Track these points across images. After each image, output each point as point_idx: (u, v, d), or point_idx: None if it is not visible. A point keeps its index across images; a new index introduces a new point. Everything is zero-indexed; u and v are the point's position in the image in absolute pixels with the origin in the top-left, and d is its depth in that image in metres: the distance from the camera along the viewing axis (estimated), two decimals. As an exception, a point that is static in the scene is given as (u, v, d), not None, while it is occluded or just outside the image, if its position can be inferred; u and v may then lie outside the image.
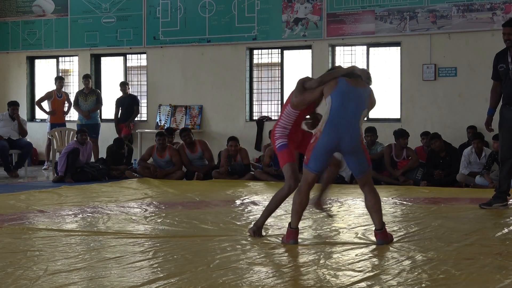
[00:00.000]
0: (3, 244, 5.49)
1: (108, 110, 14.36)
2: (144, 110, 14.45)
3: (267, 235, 5.83)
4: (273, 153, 10.99)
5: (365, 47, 12.69)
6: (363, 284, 4.20)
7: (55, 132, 13.11)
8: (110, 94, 14.40)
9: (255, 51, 13.60)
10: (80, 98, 13.51)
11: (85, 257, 4.99)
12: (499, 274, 4.40)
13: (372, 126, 11.17)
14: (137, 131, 13.84)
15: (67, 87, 14.76)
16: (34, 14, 15.10)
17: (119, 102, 13.75)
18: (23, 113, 14.57)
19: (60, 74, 14.93)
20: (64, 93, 13.92)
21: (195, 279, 4.30)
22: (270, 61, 13.64)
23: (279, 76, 13.47)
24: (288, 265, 4.77)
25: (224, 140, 11.75)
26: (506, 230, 6.15)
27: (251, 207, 7.83)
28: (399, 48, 12.40)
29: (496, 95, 7.77)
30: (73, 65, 15.19)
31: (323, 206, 6.15)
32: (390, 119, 12.40)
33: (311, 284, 4.22)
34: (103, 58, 14.93)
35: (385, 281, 4.26)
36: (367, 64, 12.50)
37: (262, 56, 13.64)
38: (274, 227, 6.20)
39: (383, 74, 12.52)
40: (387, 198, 8.54)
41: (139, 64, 14.62)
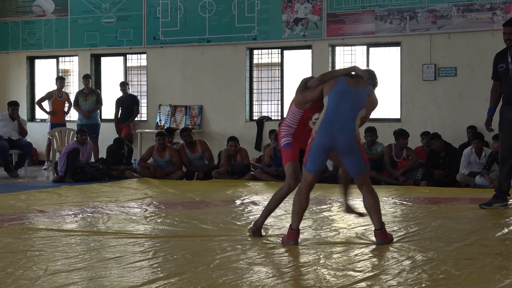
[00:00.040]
0: (3, 244, 5.49)
1: (108, 110, 14.36)
2: (144, 110, 14.45)
3: (267, 235, 5.83)
4: (273, 153, 11.00)
5: (365, 47, 12.69)
6: (363, 284, 4.20)
7: (55, 132, 13.11)
8: (110, 94, 14.40)
9: (255, 51, 13.60)
10: (80, 98, 13.51)
11: (85, 257, 4.99)
12: (499, 274, 4.40)
13: (372, 126, 11.16)
14: (137, 131, 13.84)
15: (67, 87, 14.75)
16: (34, 14, 15.10)
17: (119, 102, 13.75)
18: (23, 113, 14.57)
19: (60, 74, 14.93)
20: (65, 93, 13.92)
21: (195, 279, 4.30)
22: (270, 61, 13.63)
23: (279, 76, 13.47)
24: (288, 265, 4.76)
25: (224, 140, 11.75)
26: (506, 230, 6.15)
27: (251, 207, 7.83)
28: (399, 48, 12.41)
29: (496, 95, 7.77)
30: (73, 65, 15.19)
31: (354, 210, 6.13)
32: (390, 119, 12.40)
33: (311, 284, 4.22)
34: (103, 58, 14.94)
35: (385, 281, 4.26)
36: (367, 64, 12.49)
37: (262, 56, 13.64)
38: (274, 227, 6.20)
39: (383, 74, 12.50)
40: (387, 198, 8.54)
41: (139, 64, 14.62)
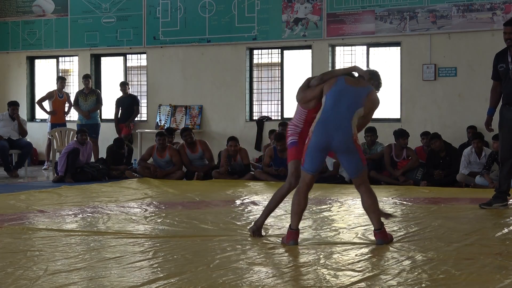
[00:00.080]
0: (3, 244, 5.49)
1: (108, 110, 14.36)
2: (144, 110, 14.45)
3: (267, 235, 5.83)
4: (273, 153, 11.00)
5: (365, 47, 12.69)
6: (363, 284, 4.20)
7: (55, 132, 13.11)
8: (110, 94, 14.40)
9: (255, 51, 13.59)
10: (80, 98, 13.51)
11: (85, 257, 4.99)
12: (499, 274, 4.40)
13: (372, 126, 11.14)
14: (137, 131, 13.84)
15: (67, 87, 14.74)
16: (34, 14, 15.10)
17: (119, 102, 13.75)
18: (23, 113, 14.57)
19: (60, 74, 14.93)
20: (65, 93, 13.92)
21: (195, 279, 4.30)
22: (270, 61, 13.63)
23: (279, 76, 13.47)
24: (288, 265, 4.76)
25: (224, 140, 11.75)
26: (506, 230, 6.15)
27: (251, 207, 7.83)
28: (399, 48, 12.40)
29: (496, 95, 7.77)
30: (73, 65, 15.19)
31: (384, 214, 6.00)
32: (390, 119, 12.39)
33: (311, 284, 4.22)
34: (103, 58, 14.94)
35: (385, 281, 4.26)
36: (367, 64, 12.49)
37: (262, 56, 13.64)
38: (274, 227, 6.20)
39: (383, 74, 12.43)
40: (387, 198, 8.54)
41: (139, 64, 14.62)
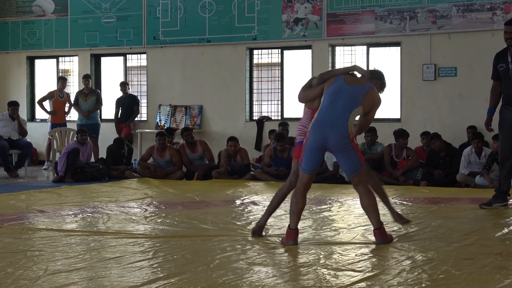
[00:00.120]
0: (3, 244, 5.49)
1: (108, 110, 14.36)
2: (144, 110, 14.45)
3: (267, 235, 5.83)
4: (273, 153, 11.00)
5: (365, 47, 12.69)
6: (363, 284, 4.20)
7: (55, 132, 13.11)
8: (110, 94, 14.39)
9: (255, 51, 13.59)
10: (80, 98, 13.51)
11: (85, 257, 4.99)
12: (499, 274, 4.40)
13: (372, 126, 11.13)
14: (137, 131, 13.84)
15: (67, 87, 14.73)
16: (34, 14, 15.10)
17: (119, 102, 13.75)
18: (23, 113, 14.57)
19: (61, 74, 14.93)
20: (66, 94, 13.92)
21: (195, 279, 4.29)
22: (270, 61, 13.63)
23: (279, 76, 13.47)
24: (288, 265, 4.76)
25: (224, 140, 11.75)
26: (506, 230, 6.15)
27: (251, 207, 7.83)
28: (399, 48, 12.40)
29: (496, 95, 7.77)
30: (73, 65, 15.19)
31: (403, 218, 6.02)
32: (390, 119, 12.39)
33: (311, 284, 4.22)
34: (103, 58, 14.94)
35: (385, 281, 4.26)
36: (367, 64, 12.49)
37: (262, 56, 13.63)
38: (274, 227, 6.20)
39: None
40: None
41: (139, 64, 14.61)
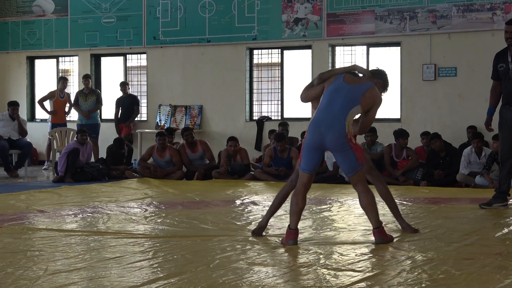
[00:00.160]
0: (3, 244, 5.48)
1: (108, 110, 14.37)
2: (144, 110, 14.45)
3: (267, 235, 5.83)
4: (273, 153, 11.00)
5: (365, 47, 12.69)
6: (363, 284, 4.19)
7: (55, 132, 13.11)
8: (110, 94, 14.40)
9: (255, 51, 13.60)
10: (80, 98, 13.51)
11: (85, 257, 4.99)
12: (499, 274, 4.40)
13: (372, 126, 11.12)
14: (137, 131, 13.84)
15: (67, 87, 14.74)
16: (34, 14, 15.10)
17: (119, 102, 13.76)
18: (23, 113, 14.57)
19: (61, 74, 14.94)
20: (66, 94, 13.92)
21: (195, 279, 4.29)
22: (270, 61, 13.63)
23: (279, 76, 13.47)
24: (288, 265, 4.76)
25: (224, 140, 11.74)
26: (506, 230, 6.15)
27: (251, 207, 7.83)
28: (399, 48, 12.40)
29: (496, 95, 7.76)
30: (73, 65, 15.19)
31: (411, 228, 5.97)
32: (390, 119, 12.39)
33: (311, 284, 4.22)
34: (103, 58, 14.94)
35: (385, 281, 4.26)
36: (367, 64, 12.49)
37: (262, 56, 13.64)
38: (274, 227, 6.19)
39: (384, 74, 12.48)
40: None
41: (139, 64, 14.62)
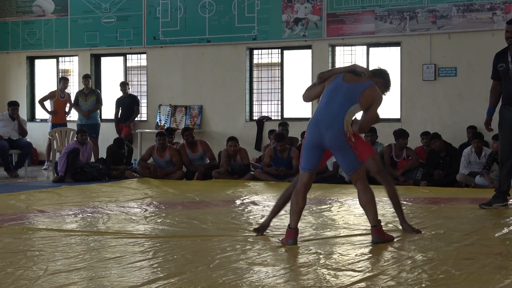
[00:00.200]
0: (3, 244, 5.48)
1: (108, 110, 14.36)
2: (144, 110, 14.45)
3: (267, 235, 5.83)
4: (273, 153, 11.00)
5: (365, 47, 12.69)
6: (363, 284, 4.19)
7: (55, 132, 13.11)
8: (110, 94, 14.40)
9: (255, 51, 13.60)
10: (80, 98, 13.51)
11: (85, 257, 4.99)
12: (499, 274, 4.40)
13: (372, 126, 11.14)
14: (137, 131, 13.84)
15: (67, 87, 14.74)
16: (34, 14, 15.09)
17: (119, 102, 13.75)
18: (23, 113, 14.57)
19: (61, 74, 14.94)
20: (67, 94, 13.92)
21: (195, 279, 4.29)
22: (270, 61, 13.63)
23: (279, 76, 13.47)
24: (288, 265, 4.76)
25: (224, 140, 11.74)
26: (506, 230, 6.15)
27: (251, 207, 7.83)
28: (399, 48, 12.40)
29: (496, 95, 7.76)
30: (73, 65, 15.19)
31: (411, 228, 5.99)
32: (390, 119, 12.38)
33: (311, 284, 4.22)
34: (103, 58, 14.94)
35: (385, 281, 4.26)
36: (367, 64, 12.48)
37: (262, 56, 13.64)
38: (274, 227, 6.19)
39: (384, 74, 12.48)
40: (387, 198, 8.50)
41: (139, 64, 14.62)
